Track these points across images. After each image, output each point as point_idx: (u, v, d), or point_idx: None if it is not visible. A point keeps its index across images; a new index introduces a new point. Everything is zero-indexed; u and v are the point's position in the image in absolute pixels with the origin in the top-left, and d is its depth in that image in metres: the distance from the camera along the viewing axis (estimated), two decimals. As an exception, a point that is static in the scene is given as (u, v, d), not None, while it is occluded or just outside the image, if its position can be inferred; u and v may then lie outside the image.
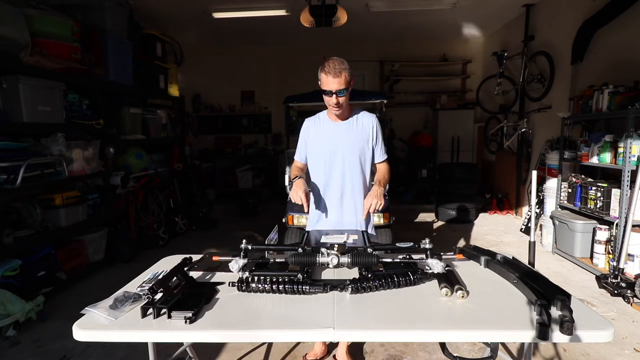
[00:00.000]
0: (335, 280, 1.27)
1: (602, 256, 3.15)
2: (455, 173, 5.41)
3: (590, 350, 2.10)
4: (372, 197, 1.68)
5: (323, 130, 1.86)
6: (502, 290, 1.22)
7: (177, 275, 1.27)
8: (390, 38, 6.51)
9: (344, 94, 1.68)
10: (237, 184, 6.74)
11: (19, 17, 2.67)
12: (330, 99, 1.69)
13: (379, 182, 1.79)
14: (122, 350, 2.20)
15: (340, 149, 1.82)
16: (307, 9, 4.08)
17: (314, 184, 1.91)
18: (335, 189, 1.85)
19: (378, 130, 1.87)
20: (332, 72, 1.63)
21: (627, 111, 2.78)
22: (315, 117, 1.92)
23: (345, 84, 1.66)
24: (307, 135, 1.90)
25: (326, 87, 1.67)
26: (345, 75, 1.65)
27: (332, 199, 1.86)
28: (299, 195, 1.68)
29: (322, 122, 1.88)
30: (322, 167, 1.86)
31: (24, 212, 2.94)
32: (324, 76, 1.66)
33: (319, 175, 1.88)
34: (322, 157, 1.85)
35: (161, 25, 5.14)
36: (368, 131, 1.84)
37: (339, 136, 1.83)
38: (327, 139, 1.84)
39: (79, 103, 3.38)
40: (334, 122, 1.85)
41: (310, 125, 1.90)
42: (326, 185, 1.86)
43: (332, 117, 1.85)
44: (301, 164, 1.94)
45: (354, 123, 1.84)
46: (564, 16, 4.20)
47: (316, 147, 1.87)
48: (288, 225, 3.06)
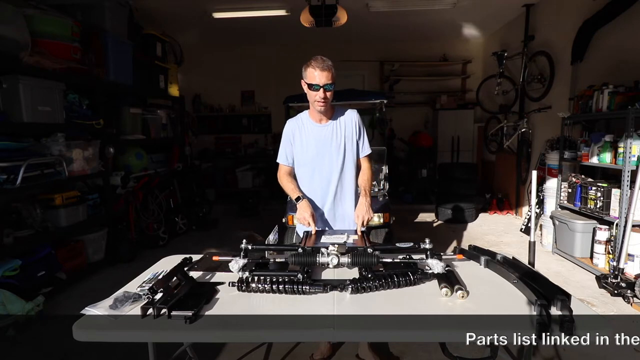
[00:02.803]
0: (335, 280, 1.27)
1: (602, 256, 3.15)
2: (455, 173, 5.40)
3: (590, 350, 2.10)
4: (361, 211, 1.71)
5: (308, 133, 1.82)
6: (502, 290, 1.22)
7: (177, 275, 1.27)
8: (390, 38, 6.50)
9: (331, 89, 1.68)
10: (237, 184, 6.74)
11: (19, 17, 2.67)
12: (317, 93, 1.66)
13: (365, 192, 1.78)
14: (122, 350, 2.20)
15: (327, 151, 1.80)
16: (307, 9, 4.08)
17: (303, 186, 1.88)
18: (327, 191, 1.84)
19: (360, 125, 1.85)
20: (320, 66, 1.63)
21: (627, 111, 2.77)
22: (296, 118, 1.88)
23: (332, 79, 1.66)
24: (292, 137, 1.85)
25: (313, 82, 1.65)
26: (332, 72, 1.66)
27: (321, 201, 1.85)
28: (307, 219, 1.69)
29: (305, 124, 1.84)
30: (310, 170, 1.84)
31: (24, 212, 2.94)
32: (311, 70, 1.65)
33: (308, 178, 1.86)
34: (309, 160, 1.83)
35: (161, 25, 5.13)
36: (351, 128, 1.82)
37: (325, 138, 1.80)
38: (313, 142, 1.81)
39: (79, 103, 3.37)
40: (318, 124, 1.82)
41: (294, 128, 1.85)
42: (316, 187, 1.85)
43: (315, 117, 1.82)
44: (288, 168, 1.89)
45: (337, 123, 1.82)
46: (564, 16, 4.20)
47: (303, 150, 1.83)
48: (288, 225, 3.06)
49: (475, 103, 6.25)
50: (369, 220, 1.74)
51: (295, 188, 1.83)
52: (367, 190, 1.81)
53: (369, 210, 1.73)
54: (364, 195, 1.78)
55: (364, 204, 1.74)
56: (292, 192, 1.82)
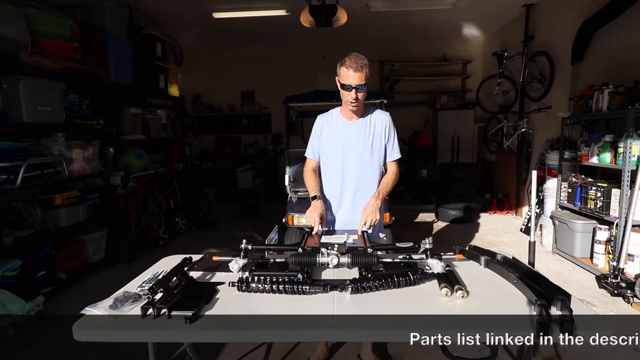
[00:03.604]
0: (335, 280, 1.27)
1: (602, 256, 3.15)
2: (455, 173, 5.41)
3: (590, 350, 2.10)
4: (368, 211, 1.70)
5: (336, 128, 1.84)
6: (502, 290, 1.22)
7: (177, 275, 1.27)
8: (390, 38, 6.50)
9: (364, 90, 1.68)
10: (237, 184, 6.74)
11: (19, 17, 2.67)
12: (349, 93, 1.67)
13: (379, 194, 1.77)
14: (122, 350, 2.20)
15: (353, 148, 1.81)
16: (307, 9, 4.08)
17: (326, 182, 1.90)
18: (349, 188, 1.84)
19: (391, 129, 1.85)
20: (354, 66, 1.63)
21: (627, 111, 2.77)
22: (327, 114, 1.90)
23: (365, 80, 1.66)
24: (320, 132, 1.87)
25: (346, 82, 1.66)
26: (366, 71, 1.66)
27: (345, 198, 1.85)
28: (314, 218, 1.69)
29: (335, 120, 1.86)
30: (335, 166, 1.85)
31: (24, 212, 2.94)
32: (344, 70, 1.65)
33: (332, 174, 1.87)
34: (335, 156, 1.84)
35: (161, 25, 5.13)
36: (381, 130, 1.82)
37: (352, 135, 1.81)
38: (340, 137, 1.82)
39: (79, 103, 3.37)
40: (348, 120, 1.83)
41: (323, 122, 1.87)
42: (339, 184, 1.85)
43: (346, 114, 1.83)
44: (315, 163, 1.91)
45: (367, 122, 1.82)
46: (564, 16, 4.19)
47: (330, 145, 1.85)
48: (288, 225, 3.06)
49: (475, 103, 6.25)
50: (374, 222, 1.71)
51: (315, 186, 1.84)
52: (384, 192, 1.80)
53: (376, 212, 1.71)
54: (377, 197, 1.76)
55: (373, 204, 1.72)
56: (311, 189, 1.83)
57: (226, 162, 6.94)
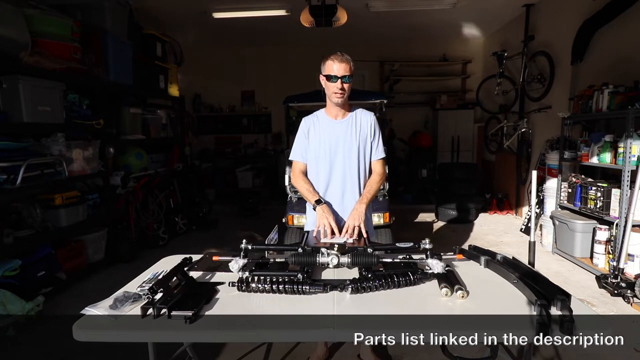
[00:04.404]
0: (335, 280, 1.27)
1: (602, 256, 3.15)
2: (455, 173, 5.41)
3: (590, 350, 2.10)
4: (352, 218, 1.69)
5: (323, 129, 1.84)
6: (502, 290, 1.22)
7: (177, 275, 1.27)
8: (390, 38, 6.50)
9: (349, 81, 1.70)
10: (237, 184, 6.74)
11: (19, 17, 2.67)
12: (335, 84, 1.69)
13: (364, 198, 1.76)
14: (122, 350, 2.20)
15: (340, 147, 1.81)
16: (307, 9, 4.08)
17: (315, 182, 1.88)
18: (337, 188, 1.84)
19: (376, 128, 1.86)
20: (339, 58, 1.68)
21: (627, 111, 2.77)
22: (312, 115, 1.90)
23: (350, 72, 1.69)
24: (307, 133, 1.87)
25: (332, 73, 1.68)
26: (350, 65, 1.69)
27: (333, 198, 1.84)
28: (330, 223, 1.67)
29: (322, 120, 1.86)
30: (322, 167, 1.84)
31: (24, 212, 2.94)
32: (329, 62, 1.69)
33: (320, 174, 1.86)
34: (322, 156, 1.83)
35: (161, 25, 5.14)
36: (367, 128, 1.83)
37: (339, 134, 1.82)
38: (328, 137, 1.82)
39: (79, 103, 3.37)
40: (334, 119, 1.84)
41: (309, 124, 1.87)
42: (327, 184, 1.85)
43: (332, 114, 1.84)
44: (303, 166, 1.90)
45: (353, 120, 1.83)
46: (564, 16, 4.19)
47: (318, 145, 1.84)
48: (288, 225, 3.06)
49: (475, 103, 6.25)
50: (357, 228, 1.67)
51: (313, 191, 1.81)
52: (368, 196, 1.77)
53: (361, 219, 1.68)
54: (360, 201, 1.74)
55: (357, 210, 1.71)
56: (310, 194, 1.79)
57: (226, 162, 6.95)
